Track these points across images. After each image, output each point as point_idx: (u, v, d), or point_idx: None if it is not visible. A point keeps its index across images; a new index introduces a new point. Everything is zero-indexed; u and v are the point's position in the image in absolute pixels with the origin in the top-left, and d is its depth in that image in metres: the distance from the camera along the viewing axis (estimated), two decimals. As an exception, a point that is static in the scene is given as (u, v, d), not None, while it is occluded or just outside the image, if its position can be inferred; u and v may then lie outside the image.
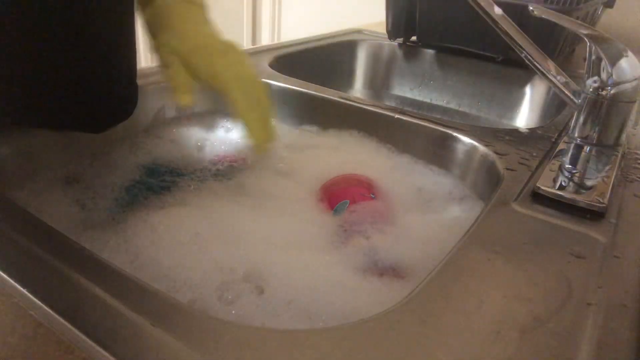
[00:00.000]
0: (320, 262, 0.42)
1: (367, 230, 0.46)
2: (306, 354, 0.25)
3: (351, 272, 0.41)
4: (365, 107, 0.63)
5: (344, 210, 0.49)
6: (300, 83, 0.68)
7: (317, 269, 0.41)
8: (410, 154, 0.60)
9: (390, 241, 0.45)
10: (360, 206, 0.49)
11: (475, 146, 0.54)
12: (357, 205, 0.49)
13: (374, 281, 0.40)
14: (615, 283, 0.33)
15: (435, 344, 0.27)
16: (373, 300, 0.37)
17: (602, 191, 0.43)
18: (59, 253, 0.31)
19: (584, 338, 0.28)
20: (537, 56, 0.49)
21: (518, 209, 0.41)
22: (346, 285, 0.39)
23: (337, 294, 0.38)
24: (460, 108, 0.93)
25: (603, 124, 0.44)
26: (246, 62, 0.50)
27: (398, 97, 0.99)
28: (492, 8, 0.50)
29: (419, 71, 0.96)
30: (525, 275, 0.33)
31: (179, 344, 0.25)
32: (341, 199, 0.50)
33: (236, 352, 0.25)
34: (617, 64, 0.41)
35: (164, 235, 0.43)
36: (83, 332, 0.25)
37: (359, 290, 0.39)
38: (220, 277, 0.39)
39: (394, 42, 0.98)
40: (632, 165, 0.50)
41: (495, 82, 0.89)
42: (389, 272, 0.42)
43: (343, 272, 0.41)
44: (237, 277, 0.39)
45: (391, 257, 0.43)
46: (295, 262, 0.41)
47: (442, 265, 0.34)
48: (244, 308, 0.36)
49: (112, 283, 0.29)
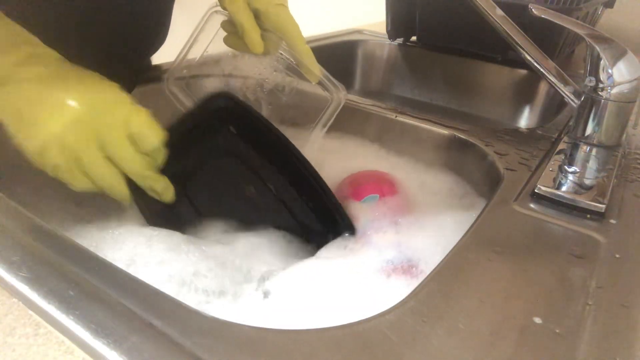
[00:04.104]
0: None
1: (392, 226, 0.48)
2: (306, 354, 0.25)
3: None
4: (365, 107, 0.63)
5: (374, 202, 0.51)
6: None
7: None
8: (410, 154, 0.60)
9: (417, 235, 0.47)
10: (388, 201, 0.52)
11: (475, 146, 0.54)
12: (385, 199, 0.52)
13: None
14: (615, 283, 0.33)
15: (435, 344, 0.27)
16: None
17: (602, 191, 0.43)
18: (59, 253, 0.31)
19: (584, 338, 0.28)
20: (537, 56, 0.49)
21: (518, 209, 0.41)
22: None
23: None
24: (460, 108, 0.92)
25: (603, 124, 0.43)
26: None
27: (398, 97, 0.99)
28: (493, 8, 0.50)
29: (419, 71, 0.96)
30: (525, 275, 0.33)
31: (179, 344, 0.25)
32: (369, 192, 0.53)
33: (236, 352, 0.25)
34: (617, 64, 0.41)
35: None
36: (83, 332, 0.25)
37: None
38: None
39: (394, 42, 0.98)
40: (632, 165, 0.50)
41: (495, 82, 0.89)
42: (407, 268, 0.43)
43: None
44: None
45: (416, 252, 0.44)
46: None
47: (442, 265, 0.34)
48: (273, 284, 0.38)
49: (112, 283, 0.29)
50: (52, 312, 0.27)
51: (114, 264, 0.31)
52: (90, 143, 0.38)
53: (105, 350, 0.24)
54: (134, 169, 0.40)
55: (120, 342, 0.25)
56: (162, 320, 0.26)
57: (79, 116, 0.37)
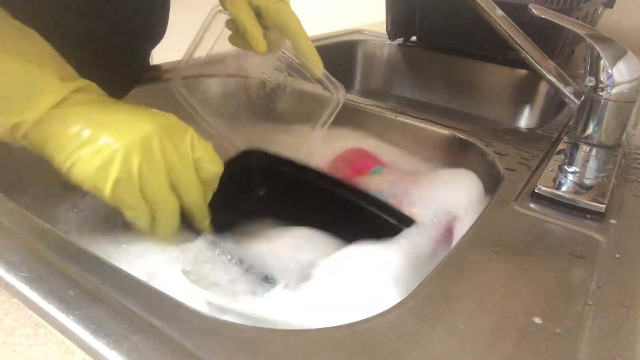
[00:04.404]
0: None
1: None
2: (306, 354, 0.25)
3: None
4: (365, 107, 0.63)
5: (381, 172, 0.53)
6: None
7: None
8: (410, 155, 0.60)
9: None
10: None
11: (475, 146, 0.54)
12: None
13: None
14: (615, 283, 0.33)
15: (435, 344, 0.27)
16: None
17: (602, 191, 0.43)
18: (59, 253, 0.31)
19: (584, 338, 0.28)
20: (537, 56, 0.49)
21: (518, 209, 0.41)
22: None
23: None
24: (460, 108, 0.92)
25: (603, 124, 0.44)
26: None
27: (398, 97, 0.99)
28: (493, 8, 0.50)
29: (419, 71, 0.96)
30: (525, 275, 0.33)
31: (179, 344, 0.25)
32: (373, 164, 0.55)
33: (236, 352, 0.25)
34: (617, 64, 0.41)
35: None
36: (83, 332, 0.25)
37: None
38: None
39: (394, 42, 0.98)
40: (632, 165, 0.50)
41: (495, 82, 0.89)
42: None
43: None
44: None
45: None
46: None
47: (442, 265, 0.34)
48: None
49: (112, 283, 0.29)
50: (52, 312, 0.27)
51: (114, 264, 0.31)
52: (159, 163, 0.35)
53: (105, 350, 0.24)
54: (193, 196, 0.38)
55: (120, 342, 0.25)
56: (162, 320, 0.26)
57: (148, 134, 0.34)
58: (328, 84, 0.53)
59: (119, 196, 0.35)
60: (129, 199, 0.35)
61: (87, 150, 0.34)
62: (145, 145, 0.34)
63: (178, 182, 0.37)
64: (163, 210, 0.37)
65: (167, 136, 0.36)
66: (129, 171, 0.34)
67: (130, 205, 0.36)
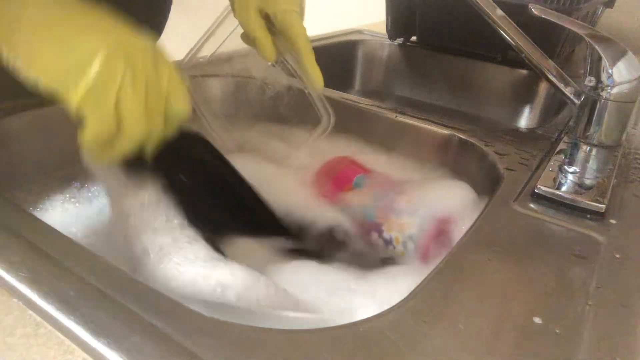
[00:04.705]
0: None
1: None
2: (306, 354, 0.25)
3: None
4: (365, 107, 0.63)
5: (363, 183, 0.51)
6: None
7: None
8: (409, 155, 0.60)
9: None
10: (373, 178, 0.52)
11: (475, 146, 0.54)
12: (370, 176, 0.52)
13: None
14: (615, 283, 0.33)
15: (435, 344, 0.27)
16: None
17: (602, 191, 0.43)
18: (59, 252, 0.31)
19: (584, 338, 0.28)
20: (537, 56, 0.49)
21: (518, 209, 0.41)
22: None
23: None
24: (460, 108, 0.92)
25: (603, 124, 0.44)
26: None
27: (398, 97, 0.99)
28: (493, 8, 0.50)
29: (419, 71, 0.96)
30: (525, 275, 0.33)
31: (179, 344, 0.25)
32: (354, 174, 0.52)
33: (236, 352, 0.25)
34: (617, 64, 0.41)
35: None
36: (83, 332, 0.25)
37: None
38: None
39: (394, 42, 0.98)
40: (632, 165, 0.50)
41: (495, 82, 0.89)
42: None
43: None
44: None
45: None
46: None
47: (442, 265, 0.34)
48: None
49: (112, 283, 0.29)
50: (52, 312, 0.27)
51: (114, 264, 0.31)
52: (140, 80, 0.31)
53: (105, 350, 0.24)
54: (155, 131, 0.34)
55: (120, 342, 0.25)
56: (163, 320, 0.26)
57: (134, 44, 0.31)
58: (320, 108, 0.53)
59: (89, 106, 0.31)
60: (99, 111, 0.31)
61: (57, 44, 0.29)
62: (130, 55, 0.31)
63: (149, 109, 0.33)
64: (131, 134, 0.33)
65: (150, 55, 0.32)
66: (109, 78, 0.30)
67: (97, 119, 0.31)
